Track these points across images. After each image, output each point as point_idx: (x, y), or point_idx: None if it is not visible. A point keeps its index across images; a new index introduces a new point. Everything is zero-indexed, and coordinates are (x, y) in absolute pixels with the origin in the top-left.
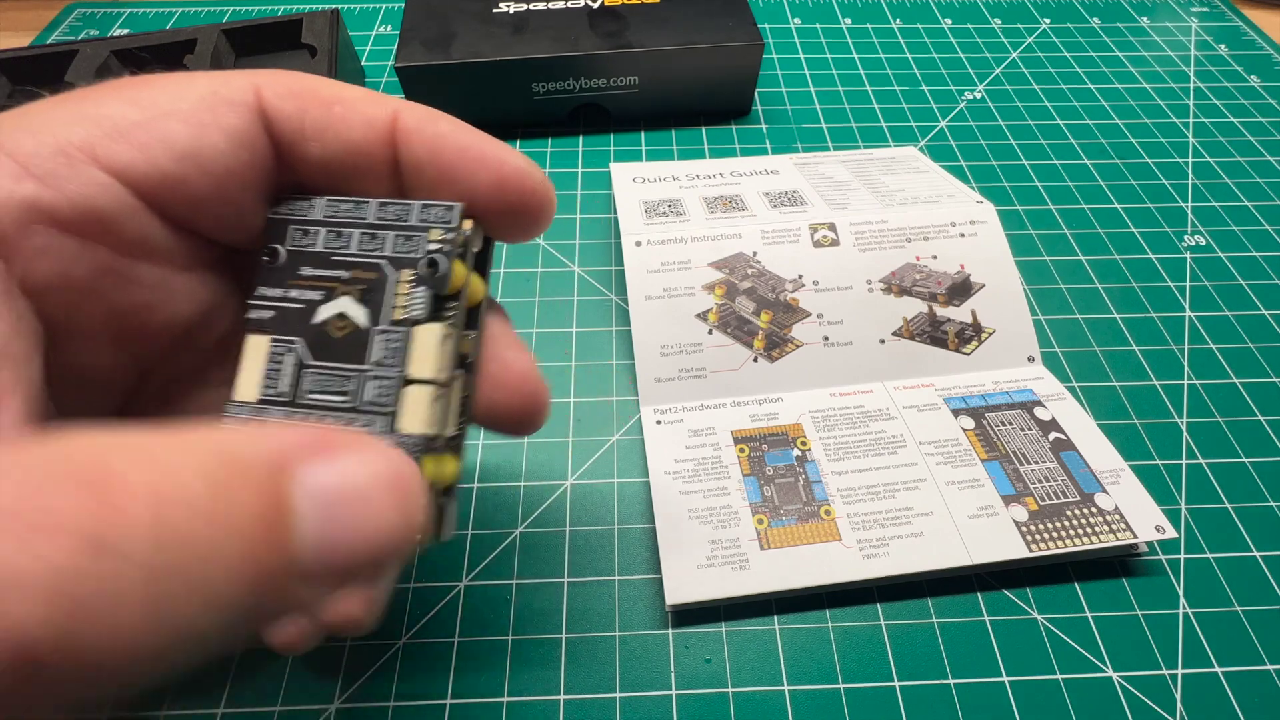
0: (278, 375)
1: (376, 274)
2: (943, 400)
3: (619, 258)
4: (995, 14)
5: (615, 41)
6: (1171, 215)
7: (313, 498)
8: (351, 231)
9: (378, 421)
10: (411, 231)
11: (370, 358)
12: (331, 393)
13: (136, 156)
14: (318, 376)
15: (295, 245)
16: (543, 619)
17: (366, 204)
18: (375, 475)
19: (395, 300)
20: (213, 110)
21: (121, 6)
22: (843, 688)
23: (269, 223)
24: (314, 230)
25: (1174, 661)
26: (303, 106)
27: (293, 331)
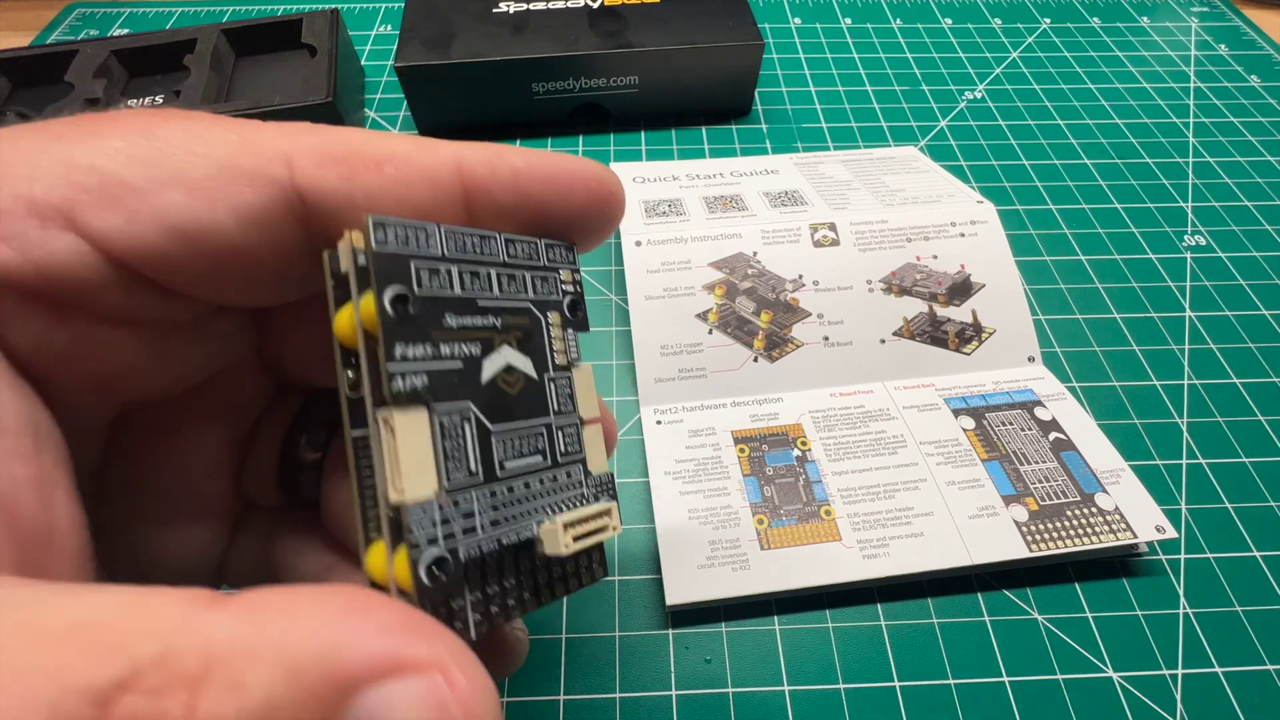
0: (461, 452)
1: (527, 319)
2: (943, 400)
3: (619, 258)
4: (995, 14)
5: (615, 41)
6: (1172, 215)
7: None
8: (489, 271)
9: (578, 469)
10: (544, 272)
11: (551, 407)
12: (528, 454)
13: (120, 226)
14: (508, 440)
15: (427, 289)
16: (543, 620)
17: (492, 239)
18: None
19: (553, 344)
20: (225, 184)
21: (121, 6)
22: (843, 688)
23: (377, 258)
24: (444, 269)
25: (1174, 661)
26: (349, 174)
27: (458, 394)
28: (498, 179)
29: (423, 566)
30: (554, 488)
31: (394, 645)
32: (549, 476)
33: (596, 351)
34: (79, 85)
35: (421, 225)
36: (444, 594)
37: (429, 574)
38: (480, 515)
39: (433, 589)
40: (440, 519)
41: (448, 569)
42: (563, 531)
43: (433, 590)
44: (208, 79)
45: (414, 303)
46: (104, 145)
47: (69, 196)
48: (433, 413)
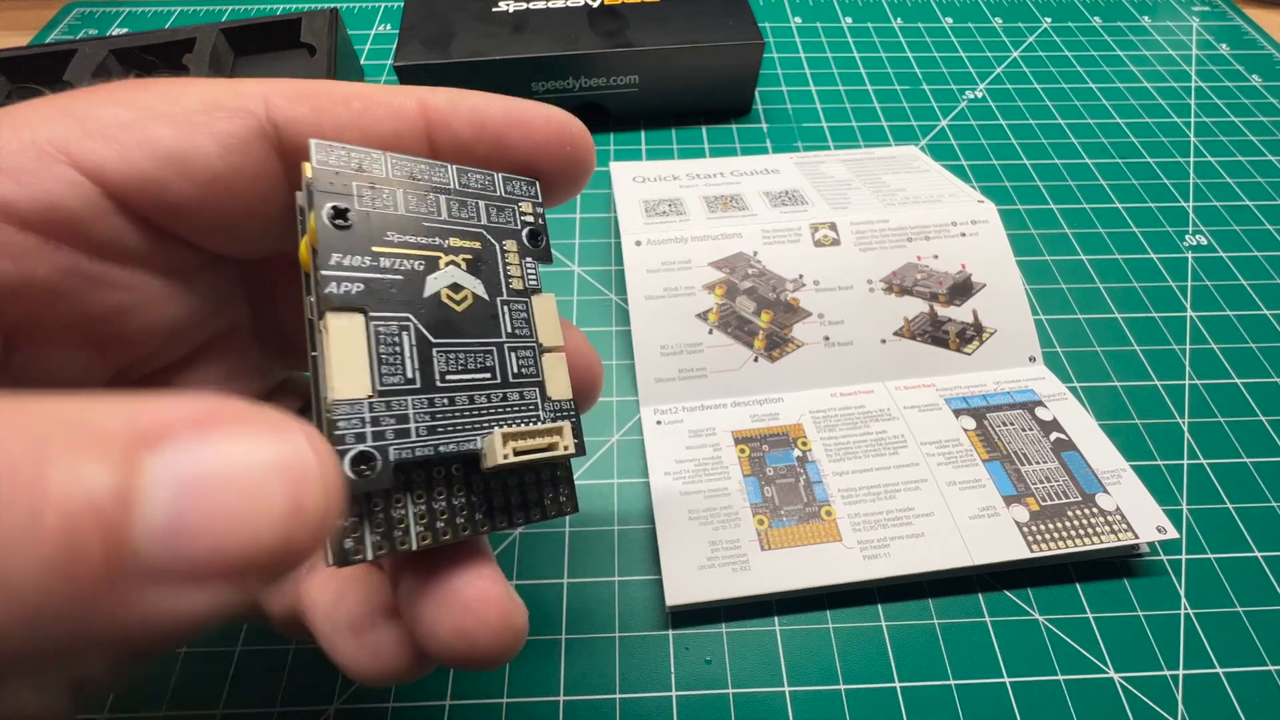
0: (398, 359)
1: (479, 243)
2: (944, 400)
3: (619, 257)
4: (996, 13)
5: (615, 40)
6: (1173, 215)
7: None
8: (438, 197)
9: (533, 392)
10: (502, 202)
11: (504, 329)
12: (475, 370)
13: (112, 156)
14: (451, 355)
15: (369, 205)
16: (543, 619)
17: (444, 169)
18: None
19: (509, 270)
20: (207, 114)
21: (120, 6)
22: (843, 689)
23: (318, 174)
24: (388, 191)
25: (1175, 662)
26: (318, 106)
27: (398, 306)
28: (458, 112)
29: (347, 460)
30: (504, 406)
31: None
32: (498, 394)
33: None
34: (78, 85)
35: (366, 151)
36: (373, 490)
37: (353, 468)
38: (415, 421)
39: (359, 483)
40: (370, 418)
41: (374, 465)
42: (501, 442)
43: (359, 484)
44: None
45: (353, 215)
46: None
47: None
48: (368, 319)
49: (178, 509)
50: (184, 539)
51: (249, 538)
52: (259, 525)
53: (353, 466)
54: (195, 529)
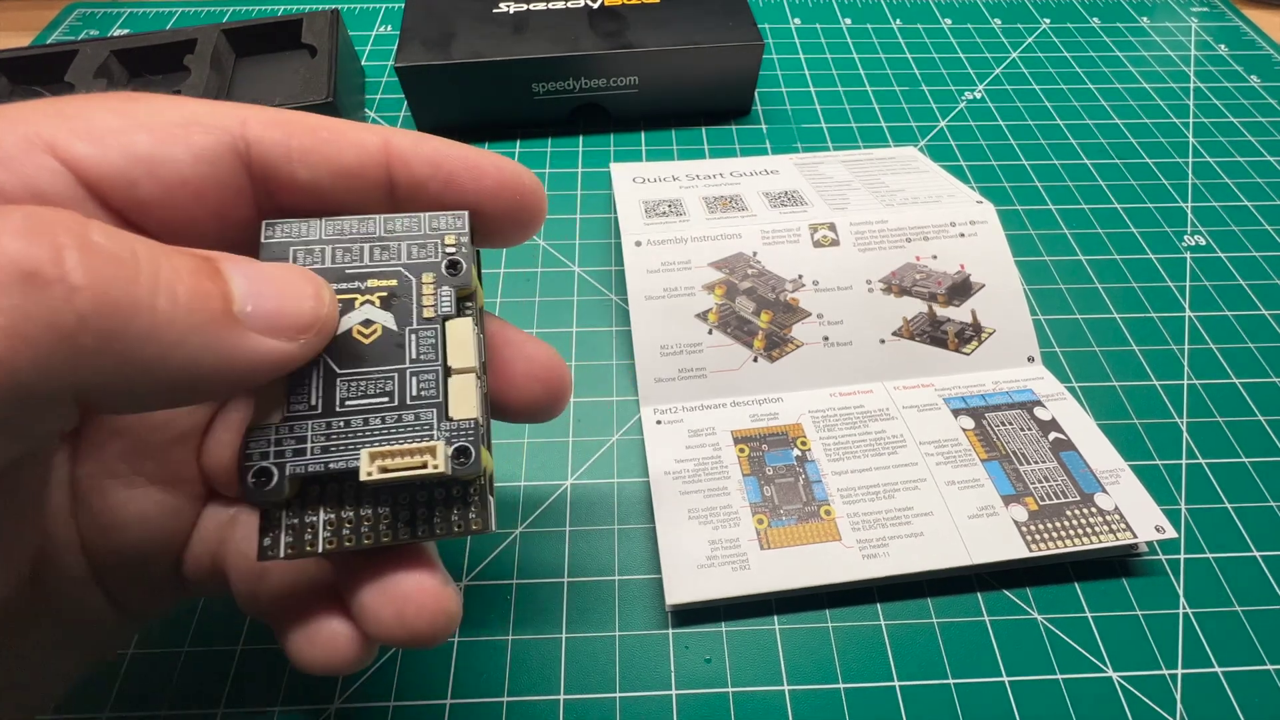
0: (305, 390)
1: (396, 280)
2: (943, 400)
3: (619, 258)
4: (995, 14)
5: (615, 41)
6: (1171, 215)
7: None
8: (361, 246)
9: (429, 412)
10: (424, 239)
11: (409, 356)
12: (373, 395)
13: (92, 153)
14: (353, 382)
15: (301, 264)
16: (543, 619)
17: (372, 220)
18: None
19: (422, 300)
20: (185, 128)
21: (121, 6)
22: (843, 688)
23: (263, 248)
24: (319, 249)
25: (1174, 661)
26: (289, 132)
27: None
28: (418, 152)
29: (248, 474)
30: (398, 427)
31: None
32: (393, 416)
33: (596, 351)
34: (79, 85)
35: (306, 220)
36: (271, 500)
37: (253, 479)
38: (312, 441)
39: (254, 492)
40: (275, 439)
41: (268, 476)
42: (367, 460)
43: (254, 493)
44: (208, 79)
45: None
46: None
47: (55, 132)
48: None
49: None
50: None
51: (296, 305)
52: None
53: (253, 480)
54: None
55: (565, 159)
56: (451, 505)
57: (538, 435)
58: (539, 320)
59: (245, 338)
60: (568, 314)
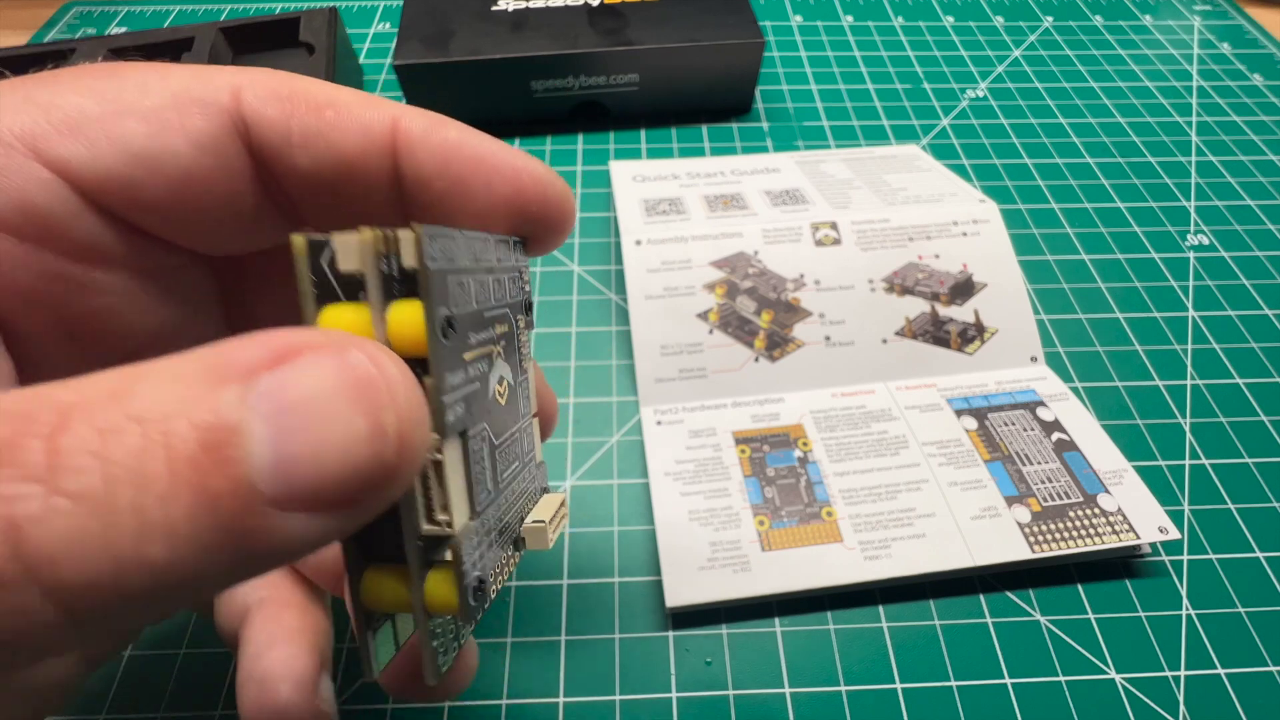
0: (483, 475)
1: (508, 326)
2: (945, 400)
3: (619, 257)
4: (998, 12)
5: (615, 39)
6: (1174, 214)
7: (261, 413)
8: (485, 278)
9: (533, 466)
10: (514, 273)
11: (520, 410)
12: (514, 460)
13: (82, 153)
14: (503, 451)
15: (458, 307)
16: (543, 620)
17: (487, 241)
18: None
19: (522, 348)
20: (179, 110)
21: (118, 5)
22: (844, 690)
23: (432, 275)
24: (465, 280)
25: (1177, 663)
26: (289, 111)
27: (479, 416)
28: (427, 145)
29: (470, 591)
30: (525, 486)
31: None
32: (524, 477)
33: (596, 351)
34: None
35: (448, 233)
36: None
37: (474, 600)
38: (492, 529)
39: (475, 608)
40: (476, 545)
41: (485, 589)
42: (550, 529)
43: (475, 612)
44: None
45: (456, 324)
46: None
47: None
48: (466, 440)
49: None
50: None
51: (341, 461)
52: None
53: (474, 601)
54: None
55: (565, 157)
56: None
57: None
58: (539, 320)
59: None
60: (567, 314)
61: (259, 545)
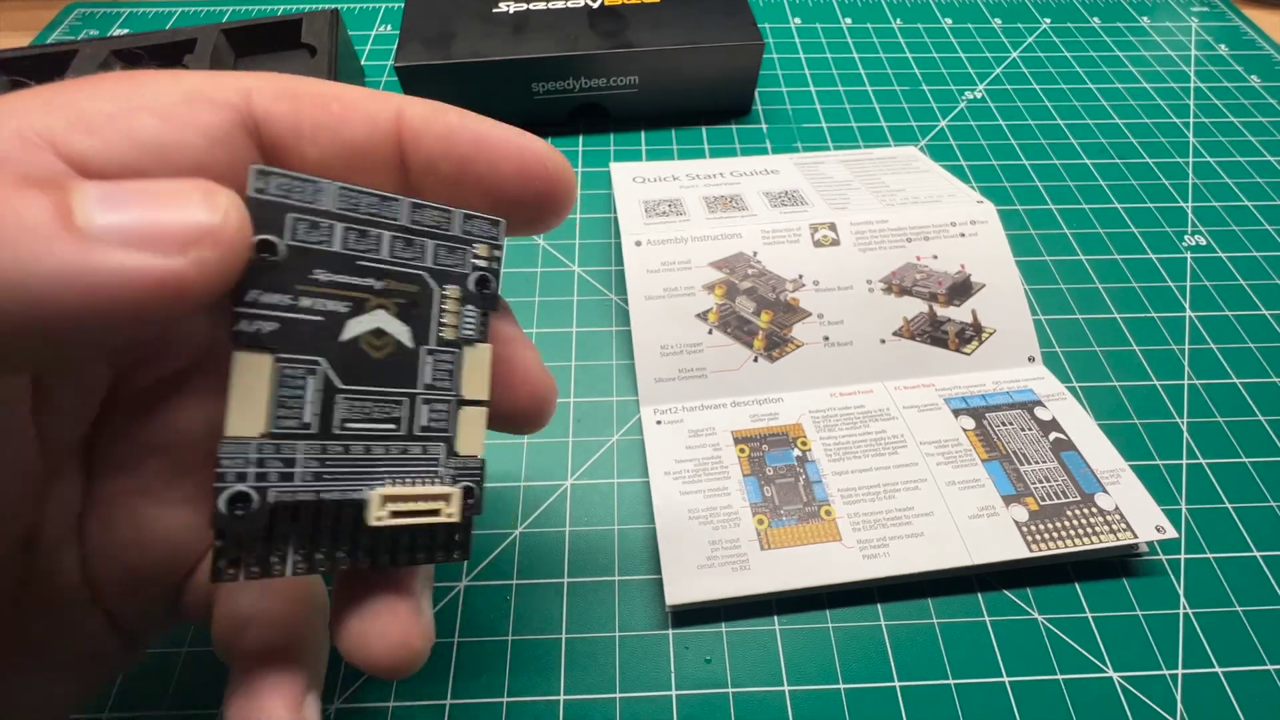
0: (298, 403)
1: (417, 287)
2: (943, 400)
3: (619, 258)
4: (995, 14)
5: (615, 41)
6: (1172, 215)
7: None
8: (380, 233)
9: (438, 447)
10: (454, 243)
11: (421, 379)
12: (379, 420)
13: (95, 145)
14: (356, 403)
15: (302, 240)
16: (543, 619)
17: (396, 202)
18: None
19: (444, 318)
20: (190, 106)
21: (121, 6)
22: (843, 688)
23: (253, 203)
24: (325, 224)
25: (1174, 662)
26: (298, 106)
27: (310, 349)
28: (431, 131)
29: (223, 498)
30: (402, 459)
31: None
32: (399, 448)
33: (596, 351)
34: None
35: (313, 180)
36: (247, 529)
37: (228, 506)
38: (302, 466)
39: (229, 520)
40: (256, 459)
41: (249, 505)
42: (378, 503)
43: (229, 521)
44: None
45: (281, 249)
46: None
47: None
48: (276, 359)
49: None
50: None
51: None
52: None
53: (227, 505)
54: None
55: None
56: (436, 533)
57: (538, 435)
58: (539, 320)
59: (96, 253)
60: (568, 314)
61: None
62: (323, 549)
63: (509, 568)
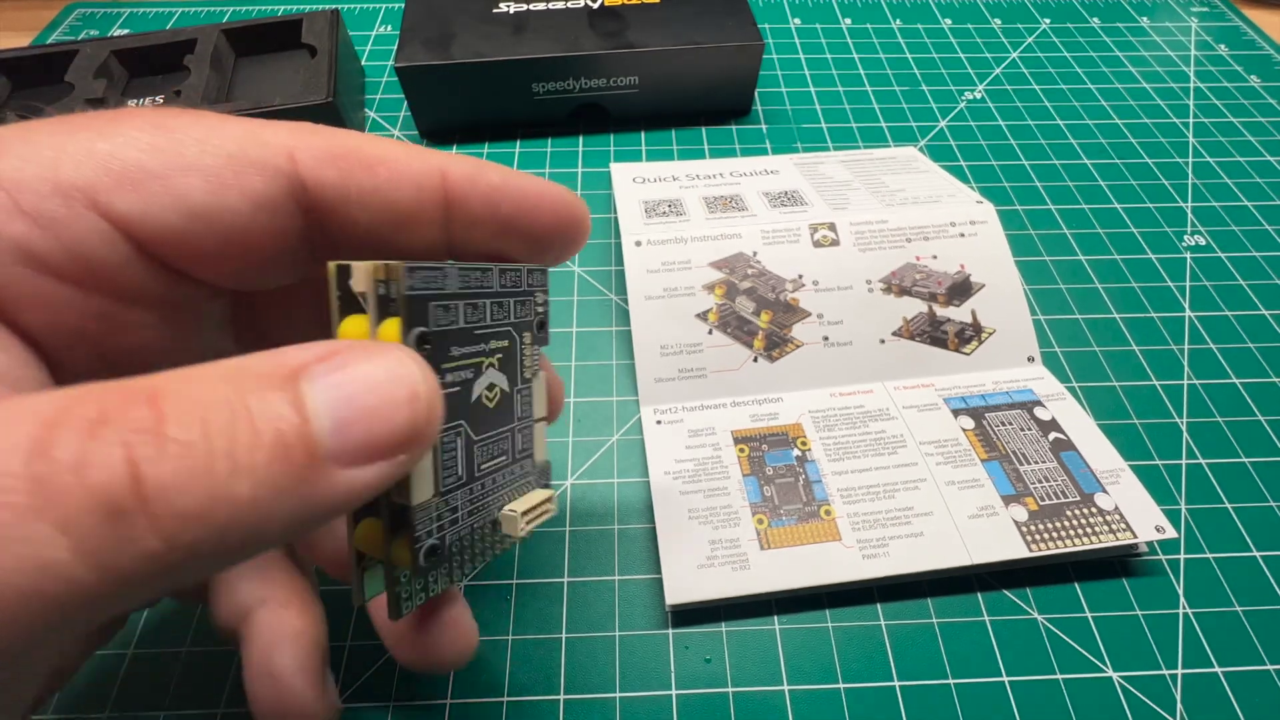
0: (453, 462)
1: (508, 341)
2: (943, 400)
3: (619, 258)
4: (995, 14)
5: (615, 41)
6: (1171, 215)
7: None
8: (484, 302)
9: (529, 463)
10: (524, 296)
11: (516, 414)
12: (498, 455)
13: (142, 208)
14: (485, 447)
15: (439, 325)
16: (543, 619)
17: (490, 272)
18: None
19: (524, 360)
20: (237, 172)
21: (121, 6)
22: (843, 688)
23: (410, 301)
24: (452, 305)
25: (1174, 662)
26: (346, 171)
27: (454, 415)
28: (476, 191)
29: (423, 553)
30: (511, 479)
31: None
32: (509, 471)
33: (596, 351)
34: (79, 85)
35: (440, 267)
36: (435, 571)
37: (426, 560)
38: (461, 510)
39: (429, 570)
40: (435, 517)
41: (440, 554)
42: (521, 519)
43: (426, 569)
44: (208, 79)
45: (430, 340)
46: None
47: (92, 180)
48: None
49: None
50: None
51: (388, 424)
52: (393, 414)
53: (426, 561)
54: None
55: (565, 159)
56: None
57: None
58: None
59: (333, 481)
60: (568, 314)
61: (322, 492)
62: (461, 566)
63: (509, 568)
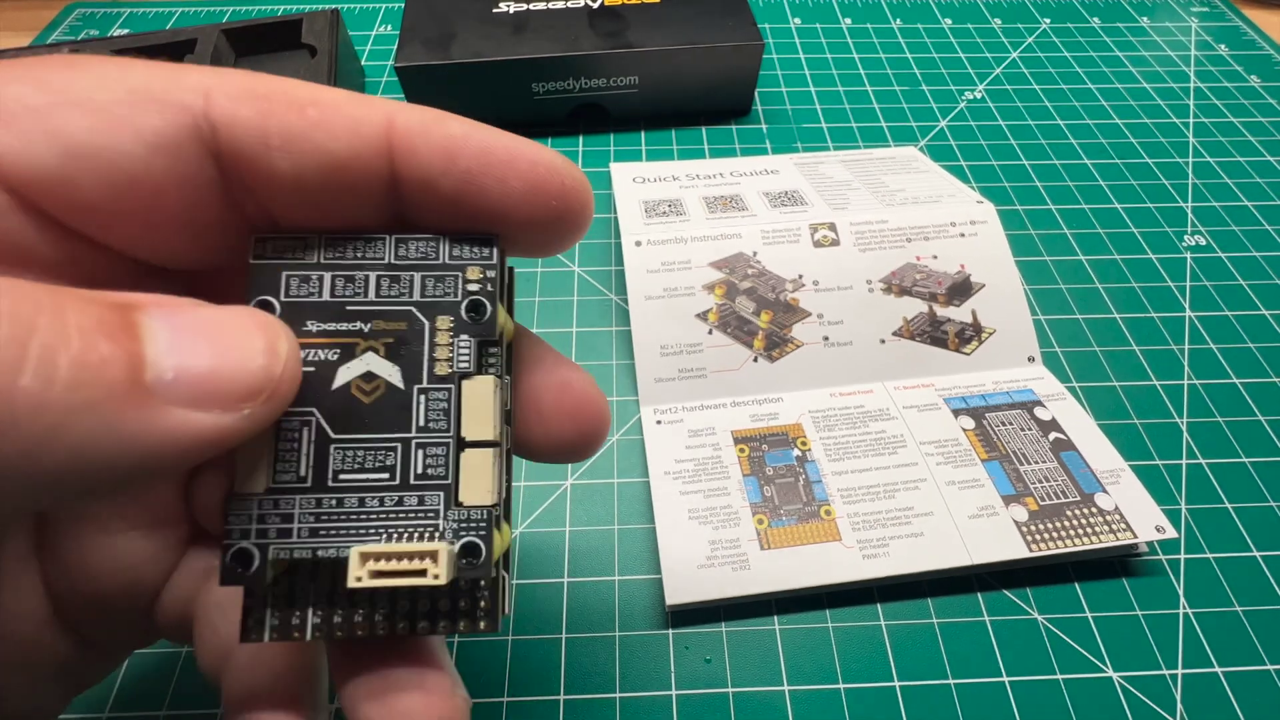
0: (294, 456)
1: (405, 323)
2: (943, 400)
3: (619, 258)
4: (995, 14)
5: (615, 41)
6: (1171, 215)
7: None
8: (366, 274)
9: (435, 497)
10: (442, 271)
11: (415, 423)
12: (371, 470)
13: (10, 143)
14: (349, 452)
15: (294, 296)
16: (543, 619)
17: (380, 241)
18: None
19: (436, 352)
20: (133, 106)
21: (121, 6)
22: (843, 688)
23: (253, 269)
24: (316, 276)
25: (1174, 662)
26: (266, 110)
27: (303, 401)
28: (429, 137)
29: (228, 554)
30: (397, 511)
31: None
32: (393, 498)
33: (596, 351)
34: None
35: (302, 237)
36: (248, 584)
37: (231, 560)
38: (299, 521)
39: (232, 576)
40: (258, 515)
41: (248, 560)
42: (358, 562)
43: (232, 576)
44: None
45: (277, 308)
46: (12, 72)
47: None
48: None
49: (175, 341)
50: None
51: (237, 365)
52: (244, 357)
53: (231, 561)
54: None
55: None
56: (458, 599)
57: None
58: (539, 320)
59: (159, 415)
60: (568, 314)
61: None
62: (340, 612)
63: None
